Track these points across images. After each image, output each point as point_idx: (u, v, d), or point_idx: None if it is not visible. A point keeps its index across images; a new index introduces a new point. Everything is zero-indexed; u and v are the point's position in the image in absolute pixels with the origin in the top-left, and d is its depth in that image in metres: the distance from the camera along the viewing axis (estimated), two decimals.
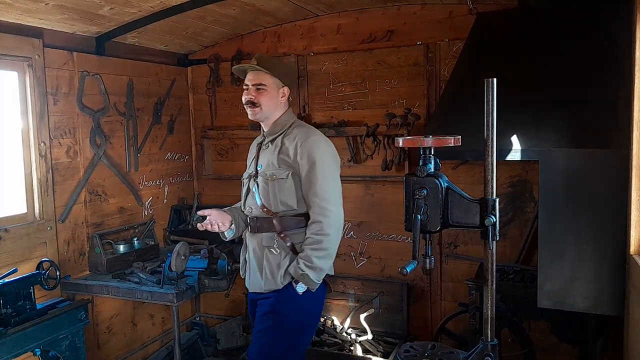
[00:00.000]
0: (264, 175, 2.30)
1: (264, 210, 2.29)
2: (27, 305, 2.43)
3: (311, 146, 2.24)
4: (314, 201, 2.22)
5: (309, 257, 2.19)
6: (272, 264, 2.27)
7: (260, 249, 2.30)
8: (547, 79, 2.47)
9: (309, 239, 2.21)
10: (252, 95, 2.29)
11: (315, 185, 2.22)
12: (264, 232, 2.30)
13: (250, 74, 2.32)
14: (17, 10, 2.51)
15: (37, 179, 2.82)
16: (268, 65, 2.29)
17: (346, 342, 3.48)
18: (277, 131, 2.33)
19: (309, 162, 2.23)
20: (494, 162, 1.42)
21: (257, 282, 2.31)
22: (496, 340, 1.50)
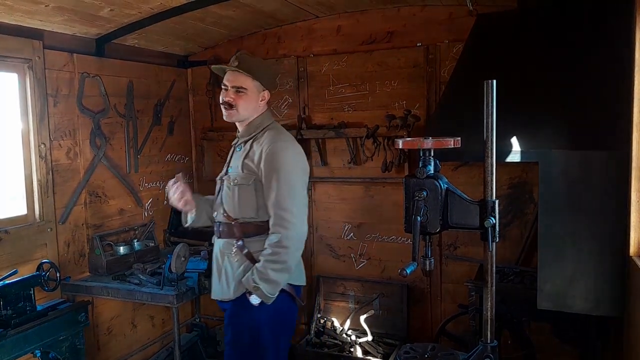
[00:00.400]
0: (229, 180, 2.23)
1: (224, 215, 2.23)
2: (27, 306, 2.43)
3: (277, 152, 2.13)
4: (274, 211, 2.11)
5: (265, 269, 2.08)
6: (229, 272, 2.21)
7: (221, 255, 2.25)
8: (547, 81, 2.47)
9: (267, 250, 2.10)
10: (230, 97, 2.21)
11: (276, 194, 2.10)
12: (225, 238, 2.23)
13: (230, 74, 2.23)
14: (18, 12, 2.52)
15: (37, 180, 2.82)
16: (249, 68, 2.19)
17: (346, 343, 3.48)
18: (250, 133, 2.25)
19: (271, 169, 2.12)
20: (493, 164, 1.42)
21: (216, 289, 2.28)
22: (496, 341, 1.50)
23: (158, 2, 2.76)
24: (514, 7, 2.88)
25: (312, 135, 3.58)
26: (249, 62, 2.22)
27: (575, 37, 2.52)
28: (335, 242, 3.71)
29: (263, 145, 2.17)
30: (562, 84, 2.42)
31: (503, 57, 2.65)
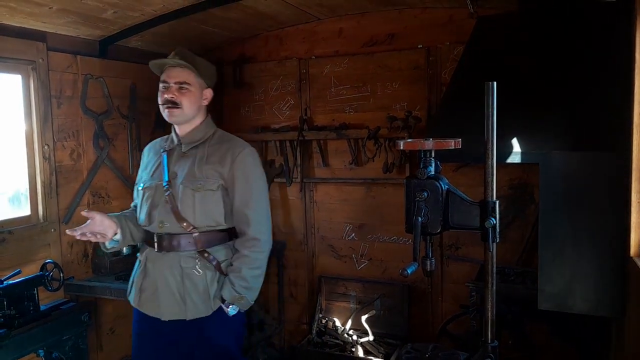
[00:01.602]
0: (187, 185, 2.04)
1: (183, 225, 2.02)
2: (30, 306, 2.45)
3: (248, 160, 2.10)
4: (252, 217, 2.06)
5: (246, 277, 2.03)
6: (199, 288, 2.03)
7: (177, 271, 2.04)
8: (547, 82, 2.49)
9: (246, 258, 2.04)
10: (173, 94, 2.03)
11: (252, 201, 2.07)
12: (181, 251, 2.04)
13: (172, 70, 2.05)
14: (21, 14, 2.54)
15: (40, 181, 2.84)
16: (193, 62, 2.05)
17: (347, 343, 3.49)
18: (199, 139, 2.12)
19: (245, 176, 2.07)
20: (494, 165, 1.43)
21: (174, 309, 2.04)
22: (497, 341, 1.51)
23: (161, 4, 2.77)
24: (514, 9, 2.89)
25: (313, 136, 3.60)
26: (191, 56, 2.08)
27: (575, 38, 2.53)
28: (337, 243, 3.72)
29: (230, 151, 2.09)
30: (563, 86, 2.43)
31: (503, 58, 2.66)
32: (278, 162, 3.77)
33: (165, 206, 2.05)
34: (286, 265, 3.85)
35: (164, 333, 2.09)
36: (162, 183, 2.07)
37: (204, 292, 2.05)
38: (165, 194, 2.05)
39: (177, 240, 2.04)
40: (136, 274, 2.17)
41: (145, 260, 2.12)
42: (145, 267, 2.11)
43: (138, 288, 2.12)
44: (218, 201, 2.06)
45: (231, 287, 2.03)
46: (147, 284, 2.10)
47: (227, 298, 2.04)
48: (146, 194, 2.12)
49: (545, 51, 2.59)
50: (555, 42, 2.60)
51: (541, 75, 2.52)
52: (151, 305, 2.09)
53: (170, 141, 2.18)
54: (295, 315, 3.89)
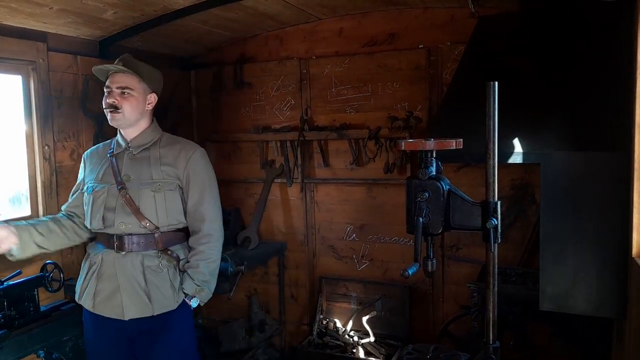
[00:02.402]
0: (146, 187, 2.12)
1: (145, 225, 2.11)
2: (30, 307, 2.43)
3: (201, 161, 2.22)
4: (206, 215, 2.19)
5: (203, 271, 2.16)
6: (163, 283, 2.13)
7: (140, 270, 2.11)
8: (549, 82, 2.48)
9: (202, 254, 2.17)
10: (115, 99, 2.10)
11: (205, 200, 2.19)
12: (142, 251, 2.12)
13: (115, 75, 2.13)
14: (22, 14, 2.53)
15: (41, 181, 2.83)
16: (136, 68, 2.13)
17: (348, 344, 3.49)
18: (147, 142, 2.21)
19: (199, 176, 2.19)
20: (495, 165, 1.43)
21: (138, 308, 2.11)
22: (498, 342, 1.50)
23: (161, 4, 2.77)
24: (515, 9, 2.89)
25: (314, 136, 3.59)
26: (135, 63, 2.16)
27: (576, 38, 2.53)
28: (338, 244, 3.71)
29: (182, 152, 2.20)
30: (564, 85, 2.42)
31: (505, 58, 2.65)
32: (278, 162, 3.77)
33: (124, 208, 2.12)
34: (287, 265, 3.85)
35: (123, 333, 2.16)
36: (116, 186, 2.13)
37: (170, 286, 2.14)
38: (120, 197, 2.12)
39: (139, 240, 2.12)
40: (88, 278, 2.20)
41: (101, 262, 2.16)
42: (100, 270, 2.15)
43: (92, 291, 2.16)
44: (177, 200, 2.18)
45: (192, 281, 2.15)
46: (103, 286, 2.14)
47: (189, 291, 2.16)
48: (99, 198, 2.16)
49: (547, 51, 2.59)
50: (556, 41, 2.60)
51: (542, 75, 2.51)
52: (110, 306, 2.13)
53: (116, 145, 2.25)
54: (296, 316, 3.88)
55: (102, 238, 2.19)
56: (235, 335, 3.81)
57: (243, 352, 3.65)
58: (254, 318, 3.71)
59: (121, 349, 2.19)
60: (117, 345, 2.18)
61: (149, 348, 2.17)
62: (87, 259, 2.26)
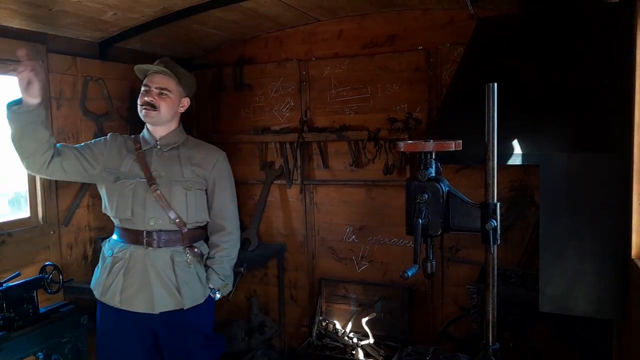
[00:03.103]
0: (178, 184, 2.21)
1: (176, 222, 2.20)
2: (30, 309, 2.43)
3: (225, 164, 2.39)
4: (230, 214, 2.36)
5: (227, 266, 2.33)
6: (192, 278, 2.24)
7: (169, 265, 2.20)
8: (548, 83, 2.48)
9: (226, 250, 2.33)
10: (153, 97, 2.21)
11: (229, 201, 2.37)
12: (171, 247, 2.21)
13: (155, 76, 2.24)
14: (22, 16, 2.54)
15: (40, 183, 2.83)
16: (176, 71, 2.25)
17: (348, 346, 3.49)
18: (175, 142, 2.32)
19: (224, 178, 2.35)
20: (494, 167, 1.43)
21: (169, 301, 2.20)
22: (498, 344, 1.50)
23: (161, 6, 2.77)
24: (515, 11, 2.89)
25: (313, 138, 3.60)
26: (175, 66, 2.27)
27: (576, 40, 2.53)
28: (337, 245, 3.71)
29: (210, 155, 2.36)
30: (563, 87, 2.42)
31: (504, 60, 2.66)
32: (278, 163, 3.77)
33: (155, 204, 2.18)
34: (286, 267, 3.84)
35: (148, 327, 2.24)
36: (145, 181, 2.19)
37: (199, 281, 2.27)
38: (151, 192, 2.17)
39: (168, 236, 2.20)
40: (114, 274, 2.23)
41: (129, 257, 2.20)
42: (128, 265, 2.20)
43: (119, 287, 2.20)
44: (204, 199, 2.32)
45: (217, 276, 2.30)
46: (131, 281, 2.19)
47: (216, 286, 2.31)
48: (126, 189, 2.20)
49: (546, 52, 2.59)
50: (556, 43, 2.60)
51: (542, 76, 2.52)
52: (139, 301, 2.18)
53: (143, 141, 2.31)
54: (296, 318, 3.88)
55: (127, 234, 2.24)
56: (234, 336, 3.80)
57: (242, 354, 3.65)
58: (254, 319, 3.71)
59: (145, 343, 2.25)
60: (139, 340, 2.24)
61: (178, 340, 2.26)
62: (109, 256, 2.28)
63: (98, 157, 2.30)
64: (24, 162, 2.16)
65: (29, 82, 1.98)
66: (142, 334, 2.24)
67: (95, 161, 2.28)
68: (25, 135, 2.06)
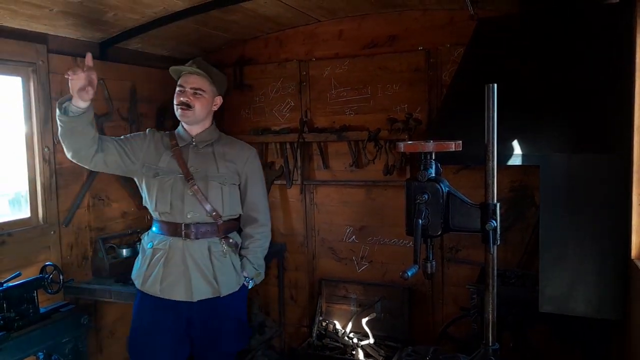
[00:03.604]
0: (214, 179, 2.32)
1: (213, 215, 2.31)
2: (30, 309, 2.44)
3: (256, 160, 2.51)
4: (262, 207, 2.48)
5: (260, 256, 2.47)
6: (228, 267, 2.36)
7: (206, 256, 2.31)
8: (548, 84, 2.49)
9: (259, 241, 2.46)
10: (188, 98, 2.31)
11: (261, 195, 2.50)
12: (208, 238, 2.32)
13: (189, 76, 2.33)
14: (22, 16, 2.54)
15: (40, 183, 2.83)
16: (209, 72, 2.33)
17: (348, 346, 3.49)
18: (209, 139, 2.41)
19: (256, 173, 2.47)
20: (494, 167, 1.43)
21: (206, 290, 2.30)
22: (497, 344, 1.50)
23: (161, 6, 2.78)
24: (515, 11, 2.89)
25: (314, 138, 3.60)
26: (207, 66, 2.35)
27: (576, 40, 2.53)
28: (337, 245, 3.71)
29: (243, 152, 2.46)
30: (563, 88, 2.43)
31: (504, 60, 2.66)
32: (278, 164, 3.77)
33: (193, 198, 2.29)
34: (286, 267, 3.85)
35: (183, 314, 2.32)
36: (183, 176, 2.30)
37: (234, 270, 2.38)
38: (189, 187, 2.28)
39: (205, 228, 2.31)
40: (154, 264, 2.32)
41: (168, 248, 2.30)
42: (168, 256, 2.30)
43: (159, 277, 2.30)
44: (237, 193, 2.43)
45: (252, 266, 2.43)
46: (170, 271, 2.29)
47: (250, 274, 2.44)
48: (165, 184, 2.30)
49: (546, 53, 2.59)
50: (556, 44, 2.60)
51: (542, 77, 2.52)
52: (178, 290, 2.28)
53: (179, 138, 2.40)
54: (296, 318, 3.88)
55: (166, 227, 2.34)
56: None
57: (243, 354, 3.65)
58: (254, 319, 3.71)
59: (178, 329, 2.34)
60: (174, 326, 2.33)
61: (213, 326, 2.36)
62: (149, 248, 2.37)
63: (137, 153, 2.38)
64: (69, 154, 2.28)
65: (83, 87, 2.06)
66: (177, 321, 2.33)
67: (135, 157, 2.37)
68: (74, 135, 2.18)
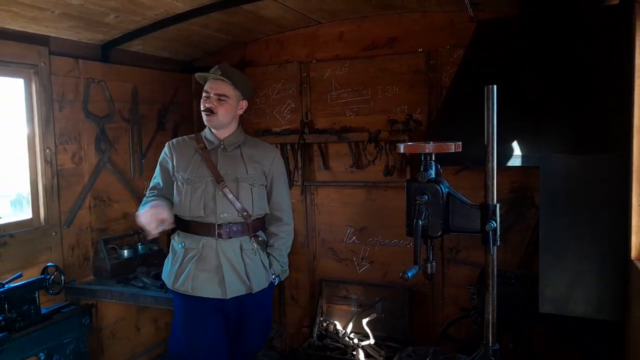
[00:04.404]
0: (244, 181, 2.39)
1: (244, 215, 2.38)
2: (31, 309, 2.45)
3: (281, 161, 2.56)
4: (286, 207, 2.55)
5: (285, 254, 2.56)
6: (258, 265, 2.43)
7: (238, 254, 2.38)
8: (548, 85, 2.49)
9: (283, 239, 2.54)
10: (213, 104, 2.36)
11: (285, 195, 2.56)
12: (239, 237, 2.39)
13: (213, 82, 2.39)
14: (24, 19, 2.55)
15: (42, 184, 2.84)
16: (232, 77, 2.38)
17: (348, 346, 3.49)
18: (237, 142, 2.46)
19: (280, 174, 2.53)
20: (494, 168, 1.44)
21: (239, 287, 2.37)
22: (498, 345, 1.51)
23: (162, 8, 2.79)
24: (514, 13, 2.90)
25: (314, 139, 3.61)
26: (232, 72, 2.40)
27: (575, 42, 2.54)
28: (338, 246, 3.72)
29: (269, 153, 2.52)
30: (563, 89, 2.43)
31: (504, 62, 2.66)
32: None
33: (224, 199, 2.35)
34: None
35: (221, 310, 2.40)
36: (214, 179, 2.36)
37: (263, 267, 2.46)
38: (220, 188, 2.35)
39: (237, 227, 2.38)
40: (186, 264, 2.37)
41: (202, 248, 2.36)
42: (201, 255, 2.36)
43: (190, 275, 2.35)
44: (265, 193, 2.50)
45: (278, 263, 2.52)
46: (203, 270, 2.35)
47: (276, 271, 2.52)
48: (197, 189, 2.37)
49: (546, 55, 2.60)
50: (555, 45, 2.61)
51: (541, 78, 2.52)
52: (211, 288, 2.35)
53: (207, 142, 2.46)
54: (296, 318, 3.88)
55: (199, 227, 2.39)
56: None
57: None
58: None
59: (220, 325, 2.42)
60: (216, 322, 2.41)
61: (244, 321, 2.47)
62: (180, 248, 2.41)
63: (171, 175, 2.48)
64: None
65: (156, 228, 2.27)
66: (216, 318, 2.40)
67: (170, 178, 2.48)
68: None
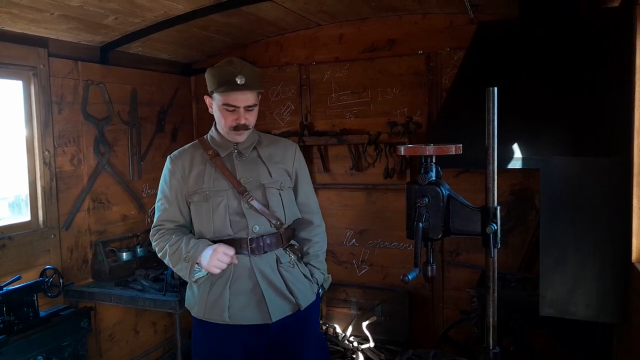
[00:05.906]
0: (271, 186, 2.03)
1: (276, 224, 2.02)
2: (30, 312, 2.44)
3: (301, 155, 2.20)
4: (314, 208, 2.21)
5: (323, 260, 2.19)
6: (299, 277, 2.07)
7: (275, 269, 2.02)
8: (548, 87, 2.49)
9: (319, 243, 2.17)
10: (245, 118, 1.98)
11: (312, 193, 2.22)
12: (274, 249, 2.03)
13: (239, 93, 1.95)
14: (23, 20, 2.55)
15: (41, 187, 2.84)
16: (257, 82, 2.02)
17: (348, 350, 3.48)
18: (251, 142, 2.09)
19: (304, 169, 2.18)
20: (495, 171, 1.43)
21: (284, 307, 2.00)
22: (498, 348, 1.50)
23: (162, 10, 2.78)
24: (514, 15, 2.90)
25: (314, 141, 3.60)
26: (252, 75, 1.98)
27: (575, 44, 2.54)
28: (338, 249, 3.71)
29: (287, 148, 2.15)
30: (563, 91, 2.43)
31: (504, 64, 2.66)
32: None
33: (251, 210, 1.99)
34: None
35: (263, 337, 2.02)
36: (235, 190, 1.99)
37: (305, 278, 2.10)
38: (246, 200, 1.98)
39: (270, 239, 2.02)
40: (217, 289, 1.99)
41: (234, 269, 1.98)
42: (234, 277, 1.98)
43: (226, 303, 1.97)
44: (293, 195, 2.15)
45: (319, 271, 2.15)
46: (239, 294, 1.98)
47: (320, 281, 2.16)
48: (220, 204, 1.99)
49: (546, 57, 2.60)
50: (555, 47, 2.60)
51: (542, 80, 2.52)
52: (251, 314, 1.97)
53: (218, 148, 2.06)
54: None
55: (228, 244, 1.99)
56: None
57: None
58: None
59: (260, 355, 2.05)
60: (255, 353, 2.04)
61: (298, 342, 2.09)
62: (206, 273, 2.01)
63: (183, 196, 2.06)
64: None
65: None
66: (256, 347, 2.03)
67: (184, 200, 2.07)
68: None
